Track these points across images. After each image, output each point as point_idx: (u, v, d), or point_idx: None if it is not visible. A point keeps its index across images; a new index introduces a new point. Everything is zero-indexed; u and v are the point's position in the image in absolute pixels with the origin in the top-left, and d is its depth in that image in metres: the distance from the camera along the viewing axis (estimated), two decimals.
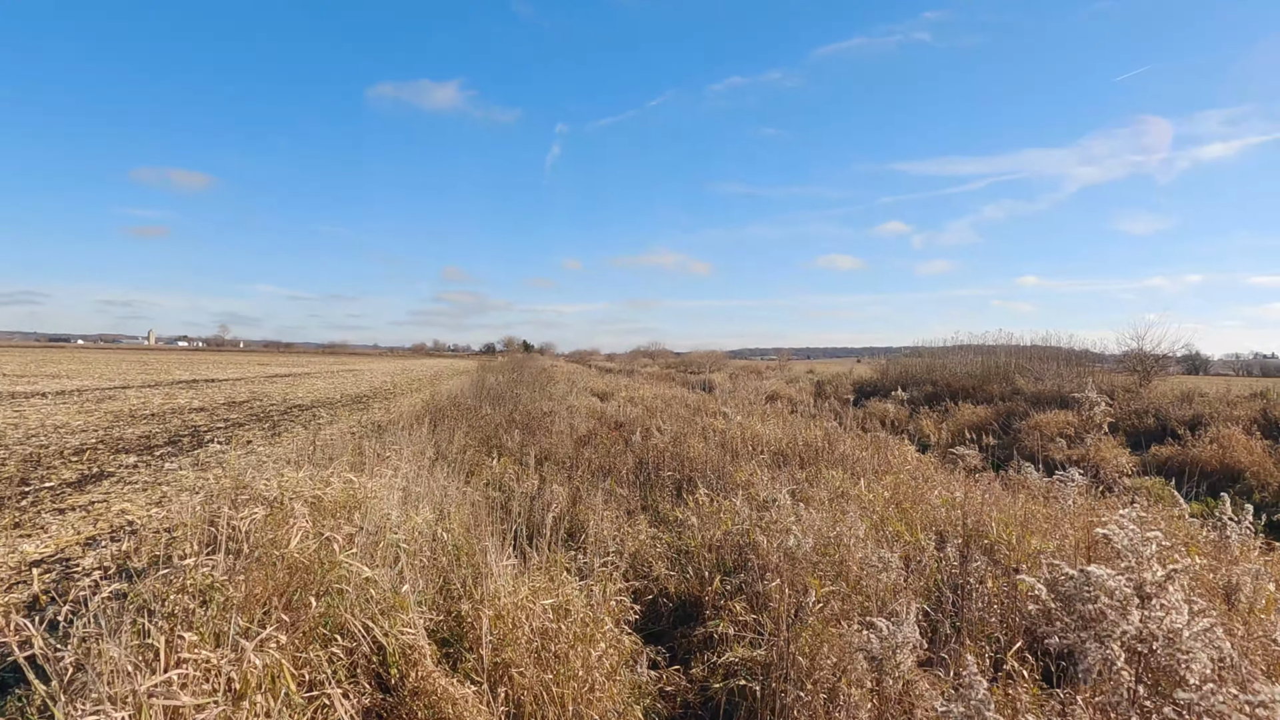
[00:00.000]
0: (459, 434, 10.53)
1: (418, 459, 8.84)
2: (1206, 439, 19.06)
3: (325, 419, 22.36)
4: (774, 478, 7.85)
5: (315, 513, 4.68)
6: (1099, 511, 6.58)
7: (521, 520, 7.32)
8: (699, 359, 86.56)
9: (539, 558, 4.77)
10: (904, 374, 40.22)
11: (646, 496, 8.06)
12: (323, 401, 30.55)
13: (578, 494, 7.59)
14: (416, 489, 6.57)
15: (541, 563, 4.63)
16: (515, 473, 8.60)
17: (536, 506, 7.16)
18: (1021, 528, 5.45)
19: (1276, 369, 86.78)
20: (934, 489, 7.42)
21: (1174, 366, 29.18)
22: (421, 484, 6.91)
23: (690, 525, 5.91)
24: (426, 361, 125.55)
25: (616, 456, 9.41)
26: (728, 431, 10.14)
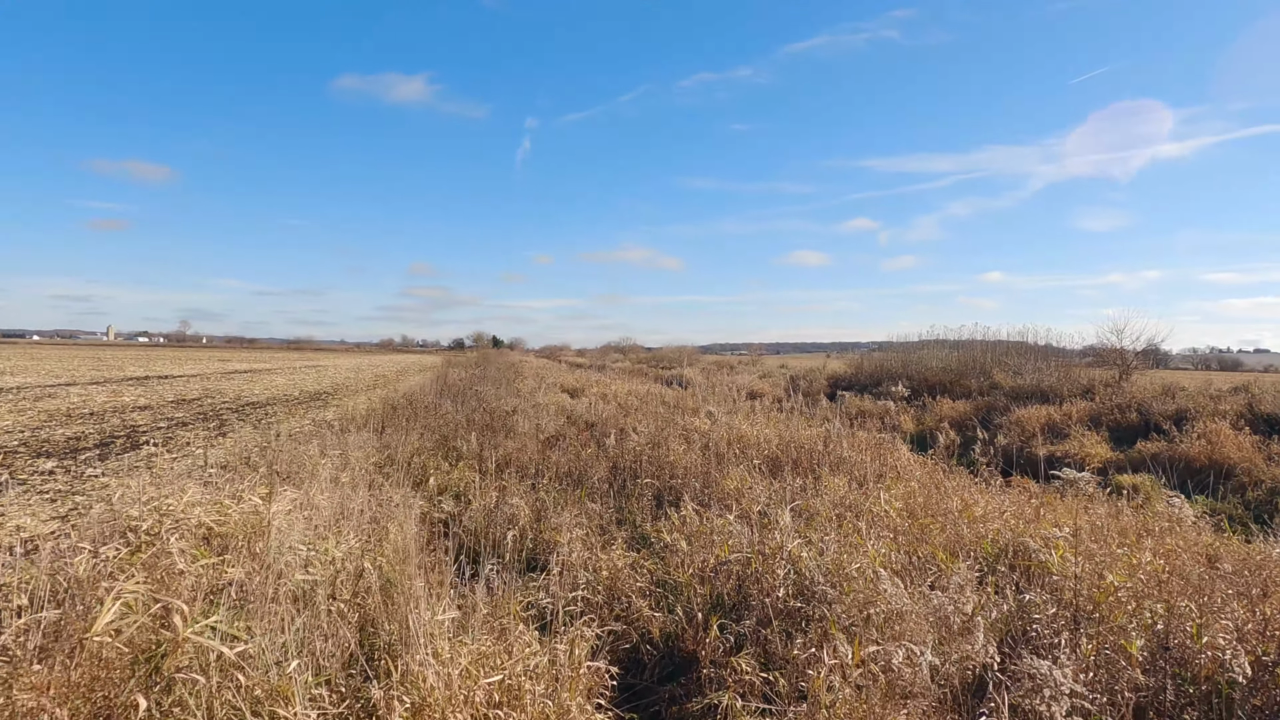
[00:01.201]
0: (413, 436, 9.48)
1: (363, 464, 7.79)
2: (1194, 435, 18.52)
3: (278, 418, 21.11)
4: (768, 486, 6.94)
5: (205, 545, 3.67)
6: (1150, 523, 5.76)
7: (477, 540, 6.30)
8: (671, 354, 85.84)
9: (491, 599, 3.81)
10: (879, 369, 39.69)
11: (622, 508, 7.09)
12: (279, 399, 29.14)
13: (542, 507, 6.59)
14: (353, 504, 5.54)
15: (492, 610, 3.64)
16: (473, 481, 7.58)
17: (495, 522, 6.18)
18: (1072, 548, 4.58)
19: (1234, 363, 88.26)
20: (949, 497, 6.56)
21: (1136, 361, 28.82)
22: (360, 498, 5.88)
23: (678, 549, 4.95)
24: (394, 357, 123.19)
25: (588, 461, 8.44)
26: (712, 433, 9.21)
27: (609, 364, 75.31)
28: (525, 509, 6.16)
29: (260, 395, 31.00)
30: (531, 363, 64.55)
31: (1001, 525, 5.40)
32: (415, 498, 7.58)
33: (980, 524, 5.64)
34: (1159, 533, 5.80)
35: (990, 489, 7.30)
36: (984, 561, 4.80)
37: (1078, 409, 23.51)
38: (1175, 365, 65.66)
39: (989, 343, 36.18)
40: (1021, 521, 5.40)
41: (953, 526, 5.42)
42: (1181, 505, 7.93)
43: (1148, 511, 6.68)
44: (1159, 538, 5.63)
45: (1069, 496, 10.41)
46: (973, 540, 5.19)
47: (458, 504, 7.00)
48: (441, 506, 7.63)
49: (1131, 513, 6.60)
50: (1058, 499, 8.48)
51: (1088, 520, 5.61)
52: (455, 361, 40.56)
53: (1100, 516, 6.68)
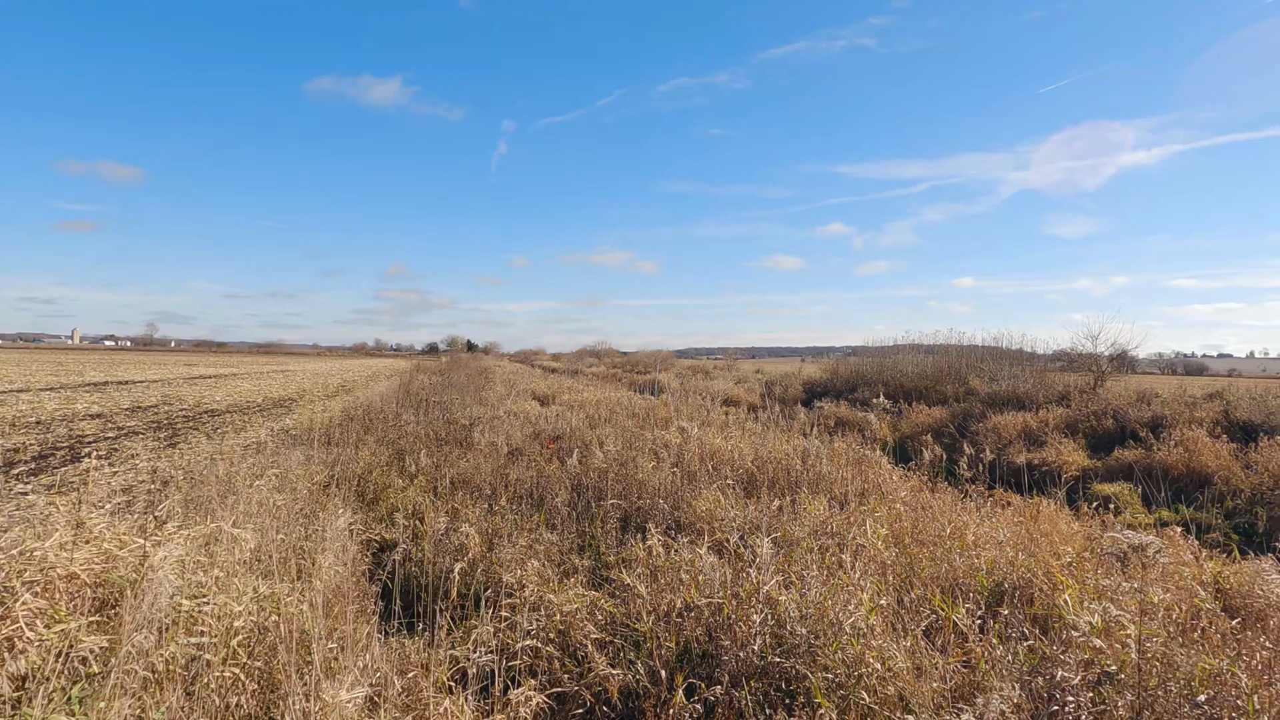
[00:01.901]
0: (364, 450, 8.84)
1: (305, 484, 7.16)
2: (1171, 442, 18.30)
3: (236, 426, 20.30)
4: (743, 509, 6.42)
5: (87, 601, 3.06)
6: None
7: (423, 572, 5.71)
8: (646, 359, 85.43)
9: (422, 655, 3.24)
10: (854, 374, 39.46)
11: (585, 533, 6.52)
12: (240, 406, 28.22)
13: (496, 534, 6.01)
14: (279, 537, 4.93)
15: (421, 672, 3.07)
16: (425, 503, 6.99)
17: (444, 551, 5.60)
18: (1076, 580, 4.11)
19: (1199, 368, 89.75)
20: (936, 519, 6.08)
21: (1110, 366, 28.75)
22: (291, 528, 5.27)
23: (640, 592, 4.38)
24: (366, 362, 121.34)
25: (551, 479, 7.86)
26: (684, 447, 8.67)
27: (584, 368, 74.64)
28: (475, 537, 5.58)
29: (221, 402, 30.05)
30: (505, 368, 63.61)
31: (997, 554, 4.93)
32: (359, 523, 6.97)
33: (973, 551, 5.18)
34: None
35: (980, 510, 6.84)
36: (982, 598, 4.32)
37: (1054, 416, 23.31)
38: (1142, 370, 66.49)
39: (964, 348, 36.05)
40: (1020, 552, 4.93)
41: (945, 556, 4.94)
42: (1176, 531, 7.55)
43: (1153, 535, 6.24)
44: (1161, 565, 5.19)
45: (1056, 511, 10.04)
46: (967, 572, 4.71)
47: (406, 529, 6.40)
48: (388, 532, 7.03)
49: None
50: (1049, 517, 8.06)
51: (1081, 537, 5.15)
52: (425, 367, 39.68)
53: (1095, 536, 6.25)
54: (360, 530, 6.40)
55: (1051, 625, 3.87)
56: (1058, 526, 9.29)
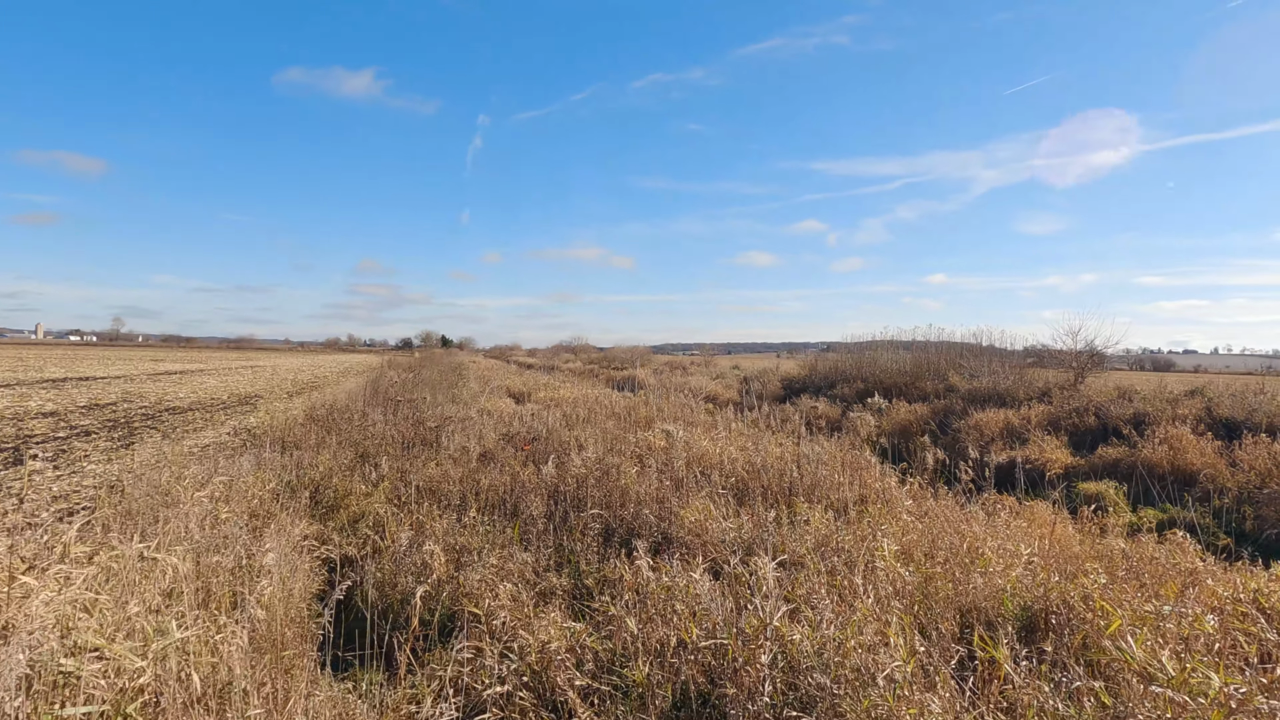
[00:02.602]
0: (325, 453, 8.19)
1: (256, 494, 6.51)
2: (1156, 440, 18.08)
3: (196, 425, 19.48)
4: (736, 521, 5.88)
5: None
6: (1177, 559, 4.85)
7: (383, 595, 5.11)
8: (622, 354, 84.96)
9: (370, 711, 2.68)
10: (833, 370, 39.19)
11: (564, 547, 5.95)
12: (204, 403, 27.26)
13: (465, 551, 5.42)
14: (214, 559, 4.32)
15: None
16: (388, 513, 6.38)
17: (405, 570, 5.01)
18: (1106, 598, 3.63)
19: (1166, 364, 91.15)
20: (947, 532, 5.60)
21: (1090, 362, 28.63)
22: (233, 548, 4.65)
23: (627, 627, 3.82)
24: (338, 357, 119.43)
25: (526, 487, 7.26)
26: (670, 451, 8.11)
27: (560, 364, 73.91)
28: (441, 556, 4.98)
29: (184, 399, 29.06)
30: (481, 363, 62.64)
31: (1023, 571, 4.45)
32: (316, 535, 6.35)
33: (992, 566, 4.69)
34: (1192, 573, 4.92)
35: (989, 518, 6.36)
36: (1012, 626, 3.83)
37: (1036, 413, 23.09)
38: (1112, 366, 67.25)
39: (943, 344, 35.88)
40: (1050, 570, 4.45)
41: (963, 575, 4.45)
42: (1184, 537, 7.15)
43: (1170, 545, 5.79)
44: (1198, 580, 4.74)
45: (1055, 515, 9.65)
46: (989, 594, 4.22)
47: (365, 544, 5.80)
48: (348, 545, 6.42)
49: (1155, 547, 5.72)
50: (1061, 526, 7.63)
51: (1100, 548, 4.68)
52: (397, 363, 38.77)
53: (1117, 549, 5.80)
54: (314, 545, 5.78)
55: (1096, 661, 3.39)
56: (1056, 531, 8.89)
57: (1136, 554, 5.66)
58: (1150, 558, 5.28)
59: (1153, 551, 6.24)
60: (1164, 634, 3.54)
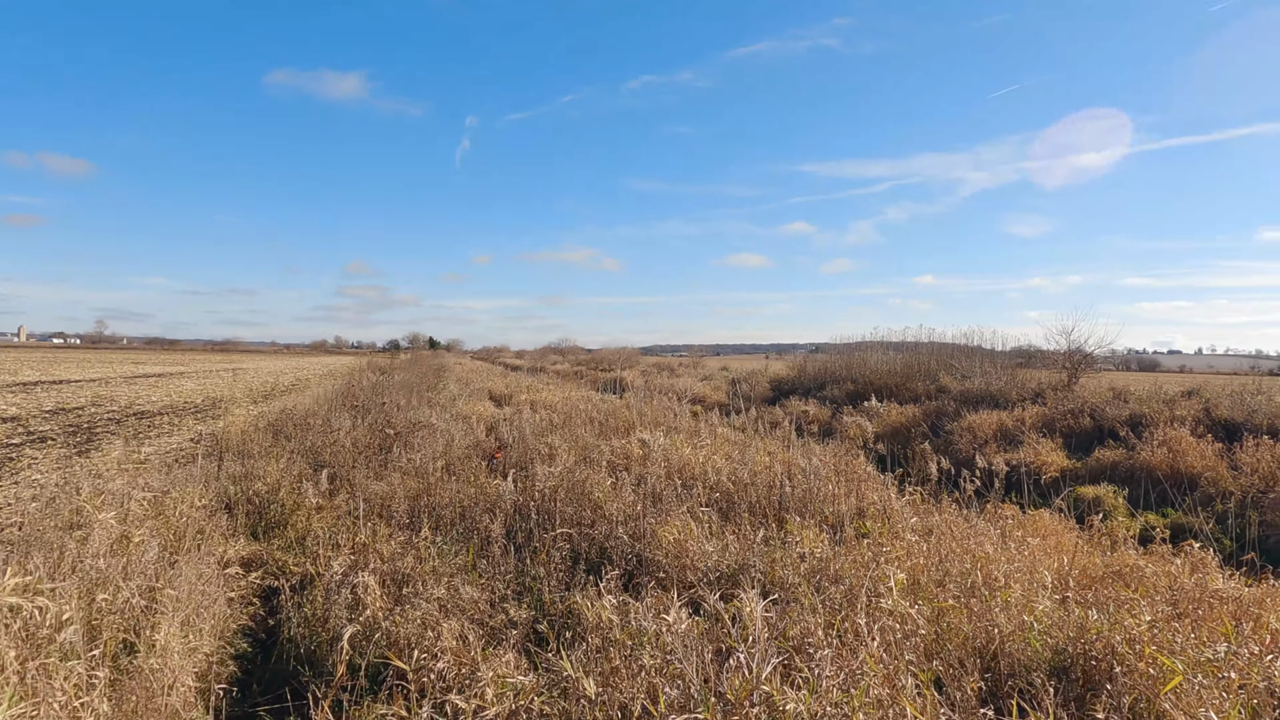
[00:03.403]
0: (275, 463, 7.50)
1: (187, 511, 5.83)
2: (1155, 442, 17.53)
3: (162, 430, 18.72)
4: (720, 540, 5.24)
5: None
6: (1215, 585, 4.25)
7: (312, 634, 4.45)
8: (611, 356, 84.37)
9: None
10: (822, 371, 38.64)
11: (526, 572, 5.27)
12: (176, 407, 26.43)
13: (407, 582, 4.75)
14: (102, 598, 3.65)
15: None
16: (325, 533, 5.71)
17: (337, 606, 4.35)
18: (1159, 641, 3.04)
19: (1151, 364, 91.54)
20: (951, 549, 4.98)
21: (1084, 362, 28.18)
22: (136, 580, 3.98)
23: (589, 690, 3.17)
24: (324, 359, 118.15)
25: (489, 501, 6.58)
26: (649, 460, 7.45)
27: (547, 366, 73.23)
28: (376, 588, 4.29)
29: (158, 403, 28.23)
30: (466, 365, 61.84)
31: (1049, 604, 3.85)
32: (259, 554, 5.68)
33: (1013, 596, 4.09)
34: (1238, 601, 4.33)
35: (1002, 535, 5.74)
36: (1043, 674, 3.23)
37: (1030, 414, 22.56)
38: (1100, 367, 67.35)
39: (934, 344, 35.37)
40: (1086, 605, 3.83)
41: (981, 608, 3.84)
42: None
43: (1187, 559, 5.20)
44: (1245, 609, 4.15)
45: (1062, 526, 9.08)
46: (1013, 633, 3.61)
47: (294, 573, 5.13)
48: (297, 565, 5.76)
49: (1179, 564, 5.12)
50: (1082, 547, 7.05)
51: (1118, 565, 4.06)
52: (379, 365, 37.98)
53: (1140, 569, 5.21)
54: (243, 572, 5.10)
55: None
56: (1076, 553, 8.31)
57: (1162, 575, 5.08)
58: (1180, 582, 4.69)
59: (1177, 570, 5.68)
60: (1228, 686, 2.96)
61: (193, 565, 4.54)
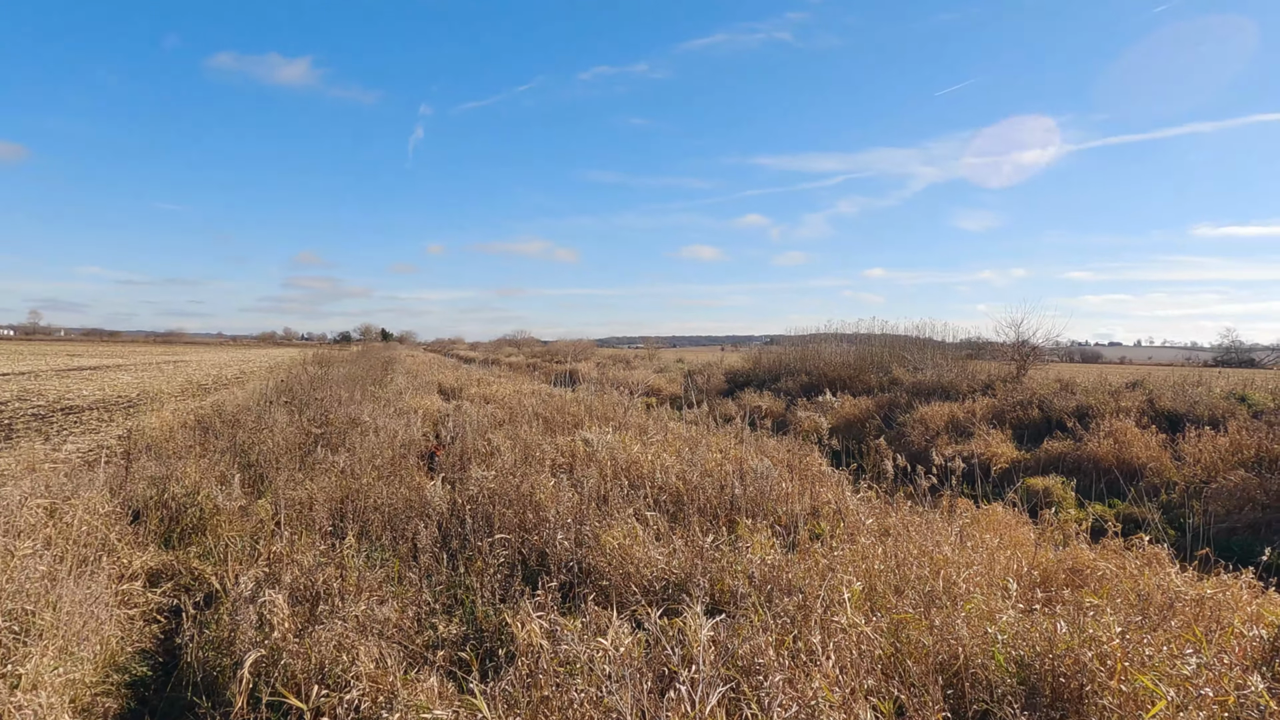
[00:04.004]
0: (194, 464, 6.98)
1: (86, 519, 5.33)
2: (1101, 433, 17.75)
3: (90, 426, 17.82)
4: (667, 545, 4.92)
5: None
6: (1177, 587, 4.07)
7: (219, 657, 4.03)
8: (566, 348, 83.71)
9: None
10: (777, 363, 38.66)
11: (460, 581, 4.88)
12: (108, 401, 25.30)
13: (325, 597, 4.34)
14: None
15: None
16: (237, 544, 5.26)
17: (241, 624, 3.93)
18: (1129, 653, 2.82)
19: (1094, 355, 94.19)
20: (909, 551, 4.75)
21: (1033, 354, 28.60)
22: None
23: None
24: (271, 351, 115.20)
25: (423, 501, 6.16)
26: (592, 459, 7.07)
27: (502, 358, 72.35)
28: (283, 607, 3.87)
29: (90, 397, 27.03)
30: (419, 358, 60.65)
31: (1013, 615, 3.62)
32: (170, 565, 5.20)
33: (974, 603, 3.86)
34: (1200, 603, 4.16)
35: (961, 537, 5.53)
36: (1009, 693, 2.99)
37: (980, 406, 22.73)
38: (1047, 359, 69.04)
39: (887, 336, 35.59)
40: (1053, 617, 3.60)
41: (943, 621, 3.59)
42: None
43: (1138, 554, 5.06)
44: (1212, 611, 3.99)
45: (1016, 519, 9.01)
46: (976, 648, 3.38)
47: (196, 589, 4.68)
48: (212, 576, 5.30)
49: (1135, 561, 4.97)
50: (1043, 547, 6.92)
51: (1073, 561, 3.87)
52: (326, 357, 36.91)
53: (1096, 566, 5.05)
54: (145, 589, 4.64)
55: None
56: (1016, 535, 8.21)
57: (1123, 575, 4.93)
58: (1143, 583, 4.53)
59: (1134, 568, 5.55)
60: (1203, 704, 2.75)
61: (83, 582, 4.08)
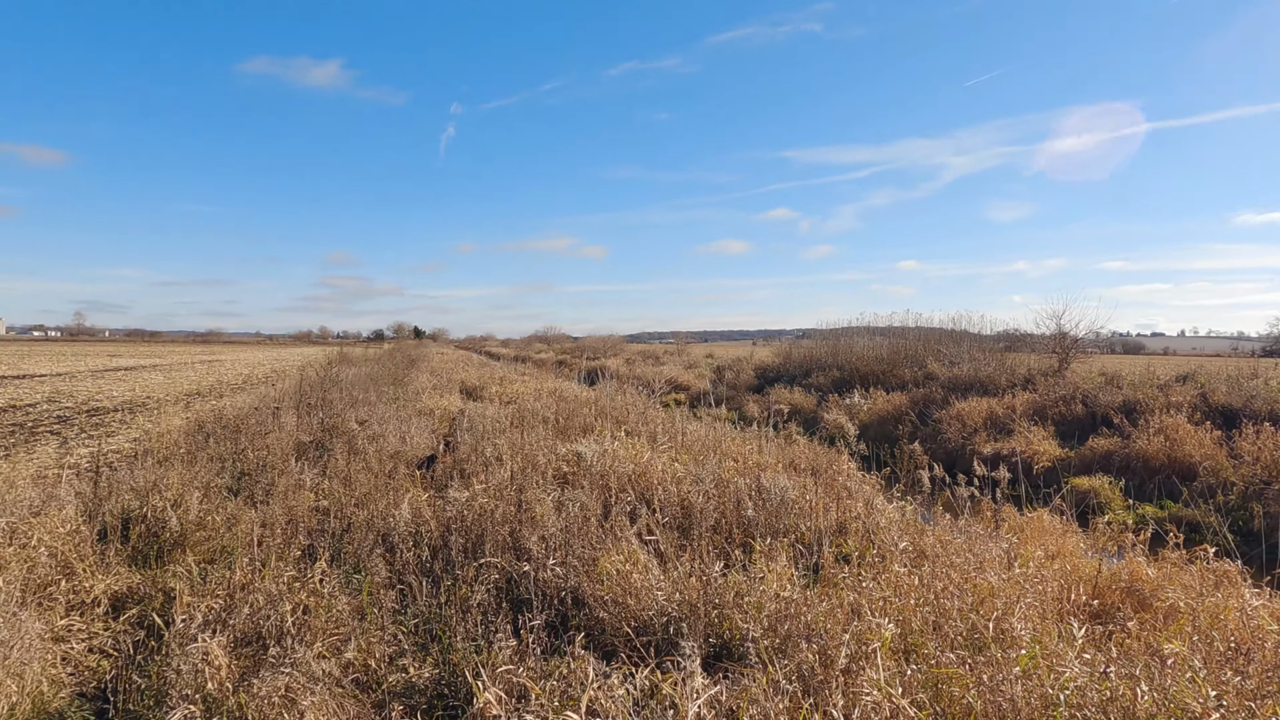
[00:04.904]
0: (176, 474, 6.58)
1: (45, 535, 4.94)
2: (1151, 430, 16.73)
3: (109, 429, 17.72)
4: (672, 571, 4.35)
5: None
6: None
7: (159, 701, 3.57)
8: (595, 344, 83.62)
9: None
10: (808, 358, 37.77)
11: (437, 614, 4.33)
12: (135, 402, 25.36)
13: (274, 638, 3.82)
14: None
15: None
16: (215, 569, 4.82)
17: (179, 673, 3.45)
18: None
19: (1136, 347, 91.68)
20: (949, 579, 4.14)
21: (1075, 347, 27.38)
22: None
23: None
24: (306, 350, 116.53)
25: (416, 518, 5.65)
26: (589, 471, 6.45)
27: (532, 355, 72.39)
28: (220, 655, 3.35)
29: (119, 398, 27.14)
30: (448, 355, 60.82)
31: (1078, 668, 3.02)
32: (118, 597, 4.79)
33: (1018, 644, 3.27)
34: None
35: (1008, 560, 4.87)
36: None
37: (1020, 401, 21.74)
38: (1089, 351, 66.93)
39: (921, 329, 34.49)
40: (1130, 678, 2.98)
41: (992, 677, 2.99)
42: None
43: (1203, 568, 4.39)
44: None
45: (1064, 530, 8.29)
46: (1036, 713, 2.78)
47: (132, 630, 4.24)
48: (193, 598, 4.87)
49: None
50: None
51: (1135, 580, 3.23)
52: (349, 356, 36.89)
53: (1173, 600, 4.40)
54: (83, 626, 4.20)
55: None
56: (1064, 546, 7.52)
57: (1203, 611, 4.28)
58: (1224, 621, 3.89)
59: (1199, 583, 4.89)
60: None
61: (26, 614, 3.66)
